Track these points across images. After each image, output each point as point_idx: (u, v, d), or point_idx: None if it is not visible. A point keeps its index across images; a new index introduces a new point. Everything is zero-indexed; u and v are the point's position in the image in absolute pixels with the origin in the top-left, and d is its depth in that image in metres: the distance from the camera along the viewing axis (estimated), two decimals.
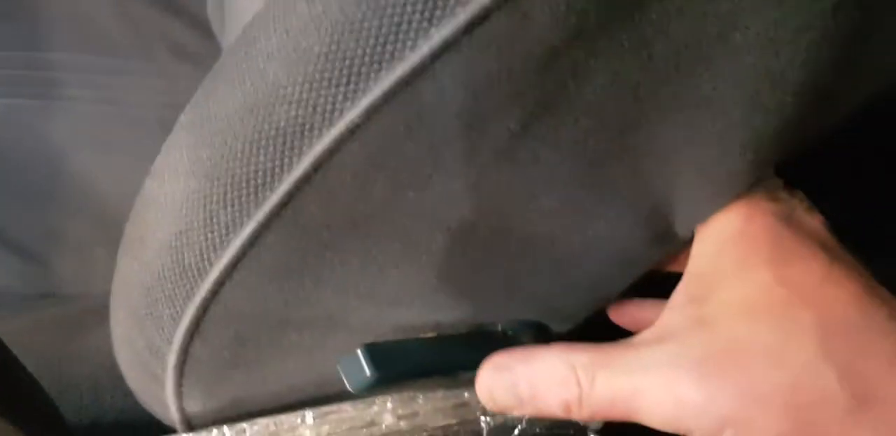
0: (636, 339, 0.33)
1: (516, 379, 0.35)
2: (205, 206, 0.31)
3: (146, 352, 0.36)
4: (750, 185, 0.34)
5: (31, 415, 0.39)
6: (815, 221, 0.34)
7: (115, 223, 0.62)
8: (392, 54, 0.26)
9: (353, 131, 0.28)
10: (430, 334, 0.39)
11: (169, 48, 0.74)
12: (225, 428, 0.39)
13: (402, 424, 0.41)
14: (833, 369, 0.30)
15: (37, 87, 0.68)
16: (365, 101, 0.27)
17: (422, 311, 0.37)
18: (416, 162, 0.29)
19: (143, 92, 0.71)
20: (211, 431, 0.39)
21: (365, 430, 0.41)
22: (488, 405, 0.36)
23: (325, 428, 0.40)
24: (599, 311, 0.41)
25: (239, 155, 0.30)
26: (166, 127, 0.68)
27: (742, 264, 0.33)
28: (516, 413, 0.36)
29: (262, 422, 0.39)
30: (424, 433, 0.42)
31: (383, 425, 0.41)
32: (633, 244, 0.35)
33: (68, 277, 0.59)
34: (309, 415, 0.40)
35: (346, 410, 0.41)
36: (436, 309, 0.37)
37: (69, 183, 0.63)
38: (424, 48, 0.26)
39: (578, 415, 0.34)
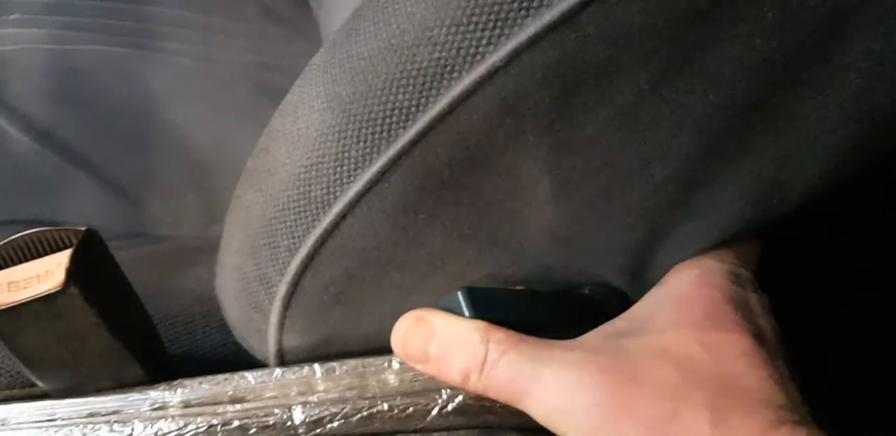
0: (554, 342, 0.35)
1: (431, 334, 0.36)
2: (338, 140, 0.32)
3: (257, 282, 0.38)
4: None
5: (140, 341, 0.41)
6: (758, 307, 0.36)
7: (206, 172, 0.65)
8: (541, 2, 0.27)
9: (491, 75, 0.29)
10: (520, 287, 0.41)
11: (260, 9, 0.76)
12: (316, 366, 0.41)
13: None
14: (708, 419, 0.31)
15: (138, 37, 0.70)
16: (508, 46, 0.28)
17: (516, 256, 0.38)
18: (543, 108, 0.30)
19: (235, 50, 0.72)
20: (303, 367, 0.41)
21: None
22: (397, 352, 0.37)
23: (409, 375, 0.41)
24: None
25: (378, 93, 0.31)
26: (255, 84, 0.70)
27: (673, 322, 0.35)
28: (419, 368, 0.37)
29: (351, 363, 0.41)
30: None
31: None
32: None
33: (160, 219, 0.61)
34: (395, 361, 0.41)
35: None
36: (530, 254, 0.38)
37: (164, 131, 0.65)
38: None
39: (474, 386, 0.35)
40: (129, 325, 0.40)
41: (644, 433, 0.32)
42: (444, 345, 0.36)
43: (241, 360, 0.44)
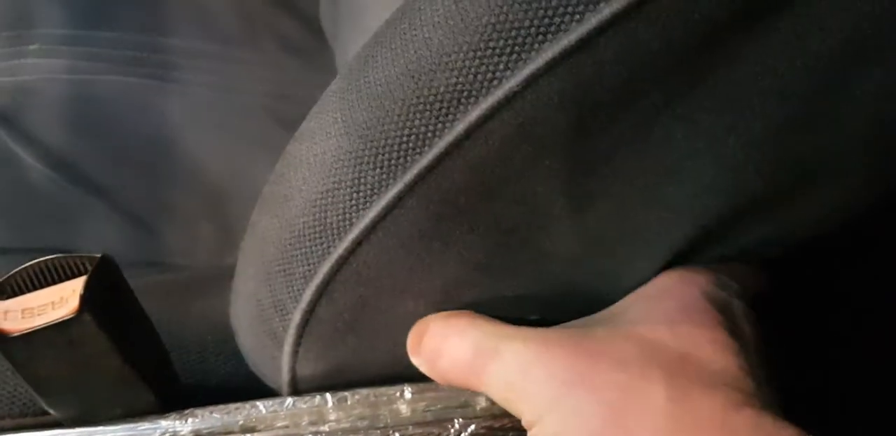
0: (522, 327, 0.36)
1: (423, 330, 0.37)
2: (355, 166, 0.32)
3: (271, 309, 0.38)
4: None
5: (153, 369, 0.41)
6: (741, 312, 0.36)
7: (221, 201, 0.65)
8: (559, 26, 0.28)
9: (509, 100, 0.29)
10: (534, 317, 0.40)
11: (277, 41, 0.77)
12: (328, 395, 0.41)
13: (495, 408, 0.42)
14: (664, 392, 0.31)
15: (154, 68, 0.71)
16: (525, 71, 0.28)
17: (530, 285, 0.38)
18: (560, 132, 0.30)
19: (251, 80, 0.73)
20: (314, 396, 0.41)
21: (459, 410, 0.41)
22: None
23: (422, 405, 0.41)
24: None
25: (395, 118, 0.31)
26: (271, 114, 0.71)
27: (646, 312, 0.35)
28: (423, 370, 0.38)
29: (363, 392, 0.41)
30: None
31: (477, 407, 0.41)
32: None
33: (175, 248, 0.61)
34: (408, 390, 0.41)
35: (443, 388, 0.42)
36: (544, 283, 0.38)
37: (181, 160, 0.66)
38: (592, 21, 0.27)
39: (438, 371, 0.36)
40: (143, 352, 0.40)
41: (599, 403, 0.31)
42: (430, 338, 0.36)
43: (254, 388, 0.43)
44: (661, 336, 0.33)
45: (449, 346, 0.36)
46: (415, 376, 0.41)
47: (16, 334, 0.35)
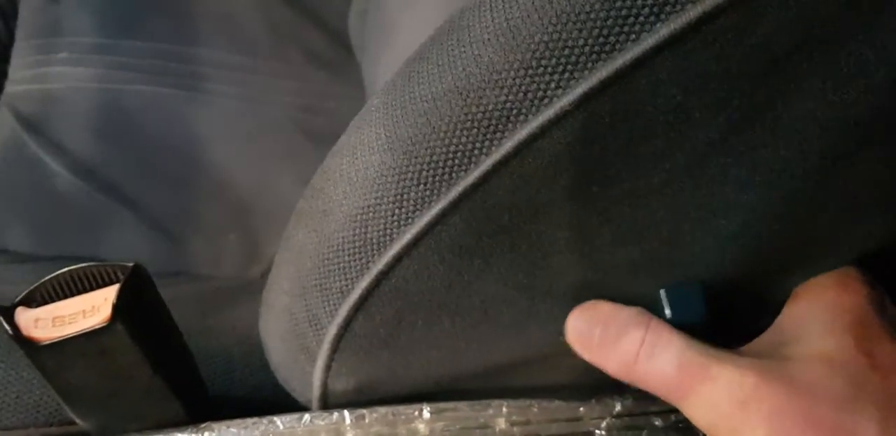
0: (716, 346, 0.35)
1: (597, 319, 0.36)
2: (398, 182, 0.32)
3: (305, 323, 0.37)
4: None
5: (182, 380, 0.41)
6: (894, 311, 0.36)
7: (247, 212, 0.65)
8: (614, 46, 0.27)
9: (559, 119, 0.29)
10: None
11: (304, 53, 0.77)
12: (346, 412, 0.40)
13: (515, 430, 0.42)
14: (878, 433, 0.32)
15: (182, 78, 0.71)
16: (578, 91, 0.28)
17: (568, 309, 0.37)
18: (609, 156, 0.30)
19: (278, 92, 0.73)
20: (332, 413, 0.40)
21: (478, 431, 0.41)
22: (569, 338, 0.37)
23: (440, 425, 0.40)
24: None
25: (441, 135, 0.31)
26: (297, 126, 0.71)
27: (828, 328, 0.34)
28: (586, 358, 0.36)
29: (382, 410, 0.40)
30: None
31: (496, 429, 0.41)
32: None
33: (201, 258, 0.61)
34: (426, 409, 0.40)
35: (462, 409, 0.41)
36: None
37: (207, 170, 0.66)
38: (649, 41, 0.27)
39: (632, 375, 0.34)
40: (172, 363, 0.40)
41: None
42: (607, 330, 0.35)
43: (280, 402, 0.43)
44: (859, 362, 0.33)
45: (651, 354, 0.34)
46: (444, 396, 0.41)
47: (46, 343, 0.35)
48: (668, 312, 0.35)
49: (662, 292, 0.35)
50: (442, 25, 0.33)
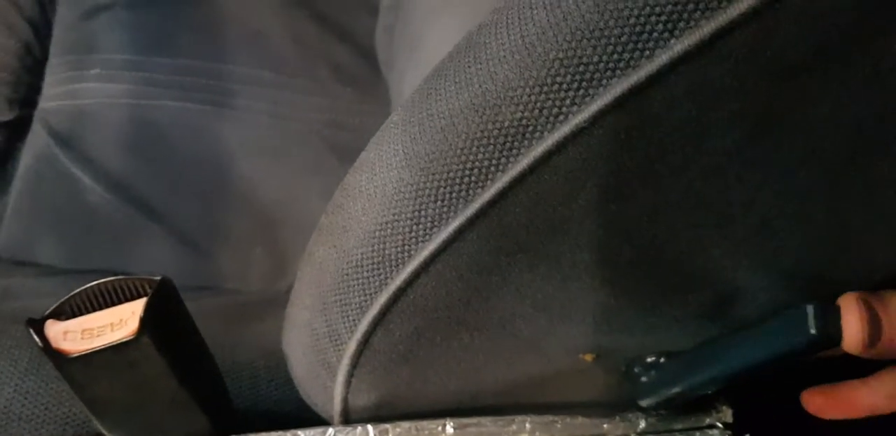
0: None
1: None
2: (416, 198, 0.32)
3: (326, 339, 0.38)
4: None
5: (208, 393, 0.41)
6: None
7: (274, 227, 0.66)
8: (628, 62, 0.27)
9: (575, 135, 0.29)
10: (589, 356, 0.40)
11: (332, 70, 0.78)
12: (369, 426, 0.40)
13: None
14: None
15: (212, 94, 0.72)
16: (593, 107, 0.28)
17: (586, 331, 0.37)
18: (626, 171, 0.30)
19: (306, 108, 0.74)
20: (356, 427, 0.41)
21: None
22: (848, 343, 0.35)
23: None
24: None
25: (458, 151, 0.31)
26: (324, 142, 0.71)
27: None
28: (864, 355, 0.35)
29: (405, 425, 0.41)
30: None
31: None
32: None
33: (228, 273, 0.62)
34: (449, 424, 0.40)
35: (486, 424, 0.41)
36: (600, 331, 0.38)
37: (235, 185, 0.66)
38: (663, 57, 0.27)
39: None
40: (199, 376, 0.40)
41: None
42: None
43: (304, 416, 0.43)
44: None
45: None
46: (464, 413, 0.41)
47: (75, 355, 0.36)
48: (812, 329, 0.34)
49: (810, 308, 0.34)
50: (460, 42, 0.33)
